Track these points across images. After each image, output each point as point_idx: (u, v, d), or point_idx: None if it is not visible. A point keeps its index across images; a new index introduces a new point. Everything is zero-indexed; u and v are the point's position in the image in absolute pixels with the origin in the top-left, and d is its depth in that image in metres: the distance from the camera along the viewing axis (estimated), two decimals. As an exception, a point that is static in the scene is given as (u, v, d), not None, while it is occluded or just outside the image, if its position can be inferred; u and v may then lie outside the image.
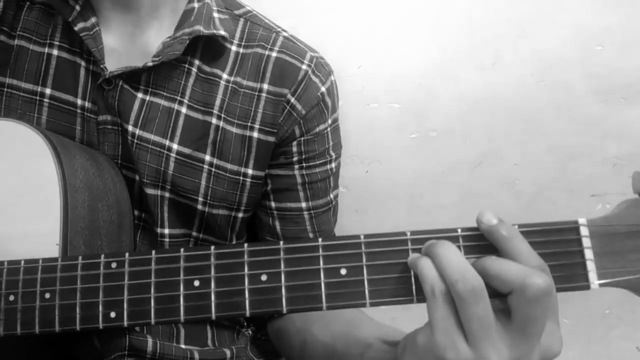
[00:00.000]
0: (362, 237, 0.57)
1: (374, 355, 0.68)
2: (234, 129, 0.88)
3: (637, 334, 1.68)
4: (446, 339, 0.54)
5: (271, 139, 0.89)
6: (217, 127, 0.88)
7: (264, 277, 0.58)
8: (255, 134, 0.88)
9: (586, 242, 0.55)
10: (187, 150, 0.86)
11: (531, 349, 0.53)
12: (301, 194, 0.93)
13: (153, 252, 0.61)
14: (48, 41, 0.87)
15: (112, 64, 0.85)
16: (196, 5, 0.88)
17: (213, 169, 0.88)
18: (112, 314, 0.60)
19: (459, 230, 0.57)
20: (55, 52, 0.86)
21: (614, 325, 1.66)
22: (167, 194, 0.87)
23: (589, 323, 1.65)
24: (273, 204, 0.93)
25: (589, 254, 0.54)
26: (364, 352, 0.70)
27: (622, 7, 1.52)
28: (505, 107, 1.53)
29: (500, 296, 0.54)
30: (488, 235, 0.56)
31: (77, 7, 0.85)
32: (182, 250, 0.60)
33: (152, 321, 0.59)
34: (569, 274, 0.55)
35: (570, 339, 1.57)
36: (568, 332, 1.52)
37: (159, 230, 0.88)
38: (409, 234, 0.57)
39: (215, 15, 0.89)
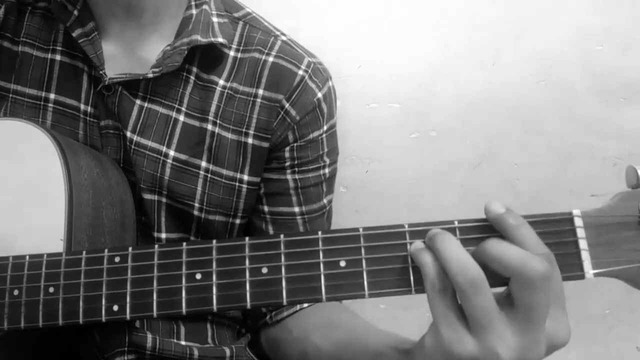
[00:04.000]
0: (361, 230, 0.58)
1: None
2: (229, 135, 0.88)
3: (637, 334, 1.68)
4: (451, 332, 0.55)
5: (265, 144, 0.89)
6: (213, 133, 0.88)
7: (264, 270, 0.59)
8: (250, 140, 0.88)
9: (580, 232, 0.56)
10: (183, 157, 0.87)
11: (537, 336, 0.54)
12: (294, 199, 0.92)
13: (156, 246, 0.61)
14: (51, 47, 0.87)
15: (112, 69, 0.85)
16: (194, 12, 0.88)
17: (209, 175, 0.88)
18: (115, 307, 0.61)
19: (456, 222, 0.58)
20: (58, 57, 0.87)
21: (614, 325, 1.67)
22: (163, 199, 0.87)
23: (589, 323, 1.65)
24: (266, 208, 0.93)
25: (583, 244, 0.55)
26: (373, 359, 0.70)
27: (622, 7, 1.52)
28: (505, 107, 1.54)
29: (504, 285, 0.54)
30: (495, 224, 0.57)
31: (75, 12, 0.85)
32: (184, 244, 0.61)
33: (154, 314, 0.60)
34: (564, 263, 0.56)
35: (570, 339, 1.57)
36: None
37: (155, 234, 0.88)
38: (407, 226, 0.58)
39: (214, 20, 0.89)
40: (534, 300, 0.52)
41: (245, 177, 0.89)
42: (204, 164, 0.87)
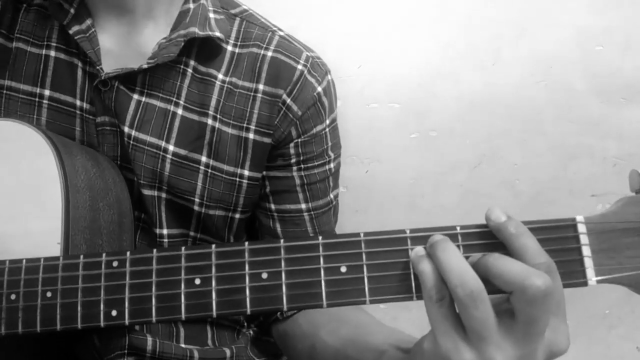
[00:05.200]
0: (362, 235, 0.58)
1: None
2: (229, 130, 0.88)
3: (637, 334, 1.68)
4: (448, 342, 0.55)
5: (267, 140, 0.89)
6: (213, 128, 0.87)
7: (264, 276, 0.58)
8: (251, 135, 0.88)
9: (584, 239, 0.55)
10: (182, 152, 0.86)
11: (536, 346, 0.54)
12: (300, 196, 0.92)
13: (154, 250, 0.61)
14: (45, 43, 0.87)
15: (109, 65, 0.85)
16: (191, 6, 0.88)
17: (209, 170, 0.88)
18: (114, 313, 0.61)
19: (458, 228, 0.57)
20: (52, 53, 0.86)
21: (614, 326, 1.66)
22: (163, 195, 0.87)
23: (589, 323, 1.65)
24: (273, 206, 0.93)
25: (586, 250, 0.55)
26: (377, 358, 0.70)
27: (622, 7, 1.51)
28: (505, 107, 1.53)
29: (504, 293, 0.54)
30: (496, 232, 0.57)
31: (72, 10, 0.84)
32: (183, 249, 0.61)
33: (153, 319, 0.59)
34: (567, 270, 0.55)
35: (570, 339, 1.56)
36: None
37: (157, 230, 0.88)
38: (408, 231, 0.57)
39: (211, 15, 0.89)
40: (535, 315, 0.52)
41: (246, 173, 0.89)
42: (204, 159, 0.87)
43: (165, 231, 0.88)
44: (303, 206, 0.93)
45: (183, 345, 0.90)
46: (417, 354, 0.59)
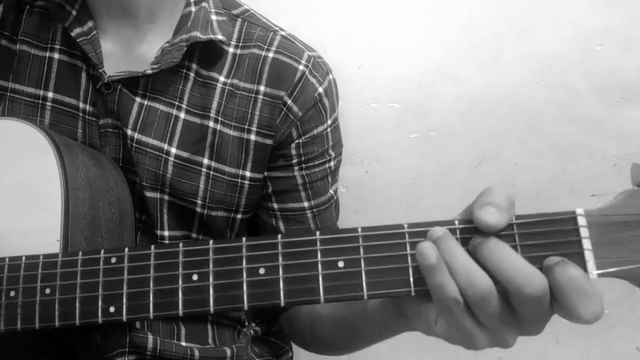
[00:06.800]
0: (359, 230, 0.58)
1: (375, 302, 0.69)
2: (231, 132, 0.88)
3: (637, 334, 1.67)
4: (463, 335, 0.56)
5: (268, 141, 0.89)
6: (215, 130, 0.88)
7: (262, 271, 0.58)
8: (253, 137, 0.88)
9: (584, 232, 0.54)
10: (185, 154, 0.87)
11: (542, 326, 0.56)
12: (302, 194, 0.93)
13: (152, 247, 0.61)
14: (49, 45, 0.87)
15: (111, 67, 0.85)
16: (193, 9, 0.88)
17: (211, 172, 0.88)
18: (111, 309, 0.61)
19: (457, 223, 0.57)
20: (56, 55, 0.87)
21: (614, 326, 1.66)
22: (166, 197, 0.87)
23: (590, 323, 1.65)
24: (275, 205, 0.93)
25: (587, 244, 0.54)
26: (365, 304, 0.71)
27: (622, 7, 1.52)
28: (505, 107, 1.53)
29: None
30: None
31: (74, 12, 0.85)
32: (180, 244, 0.60)
33: (151, 315, 0.59)
34: None
35: (570, 339, 1.57)
36: (568, 332, 1.52)
37: (158, 232, 0.88)
38: (406, 226, 0.57)
39: (213, 17, 0.89)
40: (533, 311, 0.53)
41: (248, 174, 0.89)
42: (206, 161, 0.87)
43: (166, 233, 0.88)
44: (305, 204, 0.93)
45: (184, 344, 0.89)
46: (422, 320, 0.60)
